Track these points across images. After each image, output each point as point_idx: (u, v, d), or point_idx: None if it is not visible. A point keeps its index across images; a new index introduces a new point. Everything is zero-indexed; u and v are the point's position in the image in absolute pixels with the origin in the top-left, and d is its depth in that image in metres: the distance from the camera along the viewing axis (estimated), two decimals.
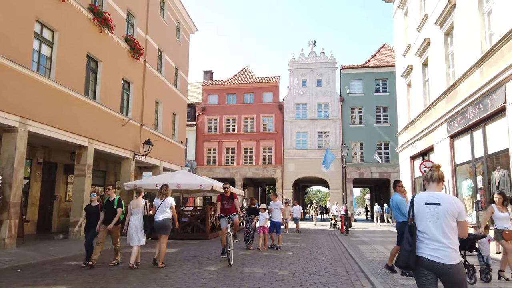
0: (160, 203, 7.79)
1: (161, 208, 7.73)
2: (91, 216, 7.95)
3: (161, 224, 7.66)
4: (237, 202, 9.20)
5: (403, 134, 20.36)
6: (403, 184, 7.67)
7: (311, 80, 33.24)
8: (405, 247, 3.16)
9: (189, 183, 15.41)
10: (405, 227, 3.28)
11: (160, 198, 7.89)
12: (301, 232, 19.24)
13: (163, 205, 7.74)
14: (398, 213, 7.07)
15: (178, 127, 22.50)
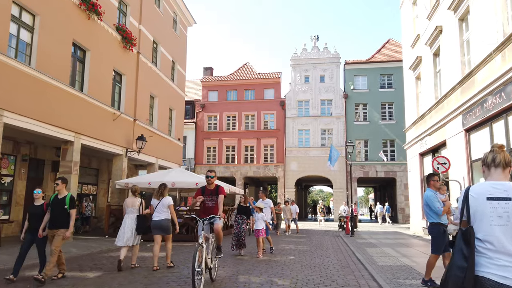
0: (157, 203, 7.53)
1: (158, 208, 7.47)
2: (34, 218, 6.39)
3: (159, 225, 7.39)
4: (221, 199, 6.26)
5: (412, 130, 19.32)
6: (438, 178, 6.48)
7: (314, 76, 32.21)
8: (458, 263, 2.16)
9: (184, 181, 14.47)
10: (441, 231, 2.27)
11: (157, 198, 7.60)
12: (303, 234, 18.23)
13: (160, 205, 7.47)
14: (429, 211, 6.02)
15: (175, 124, 21.54)
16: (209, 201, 6.33)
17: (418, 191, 18.19)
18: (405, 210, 29.30)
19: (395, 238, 15.89)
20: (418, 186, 18.20)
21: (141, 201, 7.70)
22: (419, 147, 17.84)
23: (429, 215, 5.95)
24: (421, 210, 17.75)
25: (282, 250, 11.49)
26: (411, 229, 19.60)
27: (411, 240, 15.22)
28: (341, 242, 14.36)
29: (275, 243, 13.27)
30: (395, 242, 14.02)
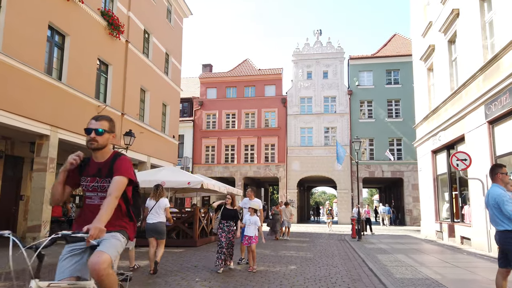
0: (153, 204, 7.18)
1: (154, 210, 7.14)
2: None
3: (153, 228, 7.07)
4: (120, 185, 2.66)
5: (423, 125, 17.93)
6: (506, 170, 4.79)
7: (317, 72, 30.87)
8: None
9: (175, 180, 13.15)
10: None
11: (154, 199, 7.25)
12: (305, 237, 16.86)
13: (157, 207, 7.15)
14: (499, 215, 4.40)
15: (169, 120, 20.25)
16: (92, 192, 2.77)
17: (431, 191, 16.80)
18: (413, 212, 27.88)
19: (407, 242, 14.51)
20: (431, 185, 16.81)
21: None
22: (432, 143, 16.45)
23: (500, 220, 4.37)
24: (434, 211, 16.38)
25: (282, 257, 10.16)
26: (423, 232, 18.20)
27: (425, 245, 13.83)
28: (348, 248, 13.00)
29: (274, 249, 11.95)
30: (408, 248, 12.64)
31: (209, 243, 14.18)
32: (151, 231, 7.06)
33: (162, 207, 7.19)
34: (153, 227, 7.05)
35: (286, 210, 16.23)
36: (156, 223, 7.06)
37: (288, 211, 16.20)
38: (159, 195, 7.26)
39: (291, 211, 16.49)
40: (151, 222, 7.06)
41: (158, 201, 7.18)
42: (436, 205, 16.33)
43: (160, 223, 7.12)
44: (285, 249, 12.06)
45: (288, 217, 16.11)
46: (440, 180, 16.38)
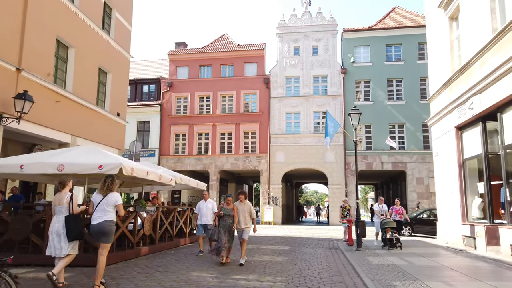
0: (100, 199, 5.87)
1: (101, 207, 5.81)
2: None
3: (98, 229, 5.74)
4: None
5: (441, 95, 13.54)
6: None
7: (306, 47, 26.42)
8: None
9: (80, 163, 8.54)
10: None
11: (102, 193, 5.91)
12: (286, 245, 12.32)
13: (104, 203, 5.82)
14: None
15: (111, 93, 15.60)
16: None
17: (454, 182, 12.40)
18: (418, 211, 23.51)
19: (427, 254, 10.08)
20: (454, 175, 12.41)
21: (71, 196, 5.93)
22: (457, 116, 12.06)
23: None
24: (459, 209, 11.99)
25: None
26: (441, 237, 13.81)
27: (455, 258, 9.41)
28: (344, 264, 8.52)
29: (223, 273, 7.32)
30: (436, 265, 8.20)
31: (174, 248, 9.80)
32: (96, 234, 5.81)
33: (112, 204, 5.89)
34: (98, 228, 5.77)
35: (244, 208, 8.59)
36: (103, 223, 5.77)
37: (247, 210, 8.54)
38: (107, 188, 5.94)
39: (251, 210, 8.53)
40: (96, 222, 5.78)
41: (106, 196, 5.90)
42: (463, 200, 11.93)
43: (107, 222, 5.81)
44: (242, 271, 7.53)
45: (246, 222, 8.47)
46: (468, 167, 11.98)
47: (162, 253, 10.23)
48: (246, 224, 8.38)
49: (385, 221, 11.40)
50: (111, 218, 5.88)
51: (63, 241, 5.74)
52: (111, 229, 5.84)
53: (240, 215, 8.35)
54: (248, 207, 8.48)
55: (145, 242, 10.08)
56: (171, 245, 11.53)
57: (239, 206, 8.42)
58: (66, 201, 5.90)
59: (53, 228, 5.83)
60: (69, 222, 5.79)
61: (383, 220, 11.54)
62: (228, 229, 8.25)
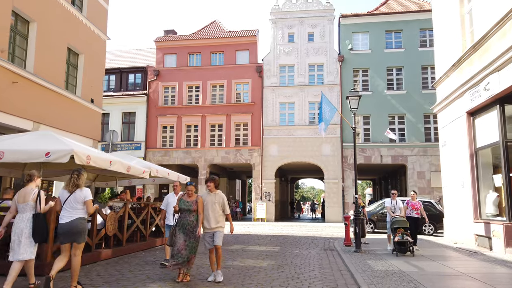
0: (67, 196, 5.26)
1: (69, 204, 5.23)
2: None
3: (69, 228, 5.15)
4: None
5: (450, 78, 12.13)
6: None
7: (301, 33, 24.92)
8: None
9: (22, 150, 7.08)
10: None
11: (68, 189, 5.31)
12: (276, 245, 10.90)
13: (72, 200, 5.24)
14: None
15: (83, 76, 14.05)
16: None
17: (465, 174, 11.03)
18: None
19: (436, 257, 8.70)
20: (465, 166, 11.03)
21: (38, 193, 5.34)
22: (469, 100, 10.65)
23: None
24: (471, 205, 10.62)
25: None
26: (448, 236, 12.46)
27: (469, 261, 8.03)
28: (342, 271, 7.12)
29: (192, 283, 5.84)
30: (449, 271, 6.82)
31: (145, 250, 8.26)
32: (63, 234, 5.14)
33: (80, 201, 5.24)
34: (67, 228, 5.12)
35: (214, 200, 6.21)
36: (72, 222, 5.12)
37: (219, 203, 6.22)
38: (73, 184, 5.28)
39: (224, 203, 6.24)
40: (64, 222, 5.14)
41: (74, 192, 5.24)
42: (476, 195, 10.56)
43: (78, 220, 5.16)
44: (214, 282, 6.10)
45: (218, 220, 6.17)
46: (482, 157, 10.60)
47: (130, 256, 8.79)
48: (217, 223, 6.03)
49: (395, 219, 9.29)
50: (82, 215, 5.31)
51: (25, 243, 5.16)
52: (83, 227, 5.30)
53: (208, 211, 6.01)
54: (220, 199, 6.12)
55: (109, 243, 8.62)
56: (144, 246, 10.09)
57: (207, 198, 6.08)
58: (33, 199, 5.33)
59: (16, 228, 5.22)
60: (37, 222, 5.24)
61: (392, 219, 9.41)
62: (188, 230, 5.93)
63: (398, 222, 9.17)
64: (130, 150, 24.59)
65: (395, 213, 9.74)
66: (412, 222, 9.47)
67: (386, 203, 10.16)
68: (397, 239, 8.77)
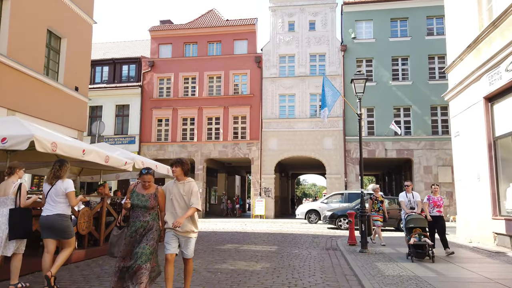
0: (48, 189, 5.00)
1: (50, 198, 4.98)
2: None
3: (46, 223, 4.90)
4: None
5: (466, 61, 11.06)
6: None
7: (301, 22, 23.83)
8: None
9: None
10: None
11: (49, 181, 5.06)
12: (273, 245, 9.87)
13: (53, 193, 4.97)
14: None
15: (66, 62, 13.03)
16: None
17: (482, 166, 9.98)
18: None
19: (453, 257, 7.66)
20: (483, 157, 9.98)
21: (19, 186, 5.09)
22: (487, 83, 9.60)
23: None
24: (490, 201, 9.59)
25: None
26: (461, 234, 11.42)
27: (492, 263, 7.02)
28: (348, 275, 6.15)
29: None
30: (473, 277, 5.80)
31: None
32: (45, 229, 4.93)
33: (61, 193, 4.96)
34: (46, 222, 4.91)
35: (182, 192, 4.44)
36: (50, 217, 4.90)
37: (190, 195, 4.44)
38: (54, 175, 4.99)
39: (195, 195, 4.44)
40: (44, 215, 4.96)
41: (54, 185, 4.99)
42: (494, 189, 9.52)
43: (57, 216, 4.92)
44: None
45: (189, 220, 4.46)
46: (501, 147, 9.55)
47: (107, 258, 7.80)
48: (188, 226, 4.37)
49: (410, 217, 7.68)
50: (62, 211, 4.99)
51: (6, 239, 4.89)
52: (63, 224, 4.97)
53: (175, 208, 4.31)
54: (189, 189, 4.37)
55: (83, 243, 7.63)
56: None
57: (174, 189, 4.36)
58: (13, 192, 5.07)
59: None
60: (14, 217, 4.93)
61: (407, 216, 7.82)
62: (140, 235, 4.25)
63: (414, 220, 7.59)
64: (124, 144, 23.60)
65: (413, 210, 8.31)
66: (433, 222, 7.95)
67: (400, 197, 8.62)
68: (413, 241, 7.20)
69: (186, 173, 4.48)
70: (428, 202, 8.22)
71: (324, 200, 19.13)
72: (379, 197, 10.27)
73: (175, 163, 4.43)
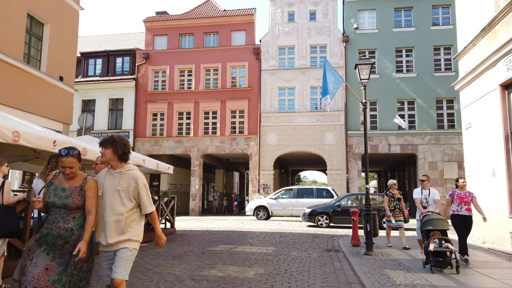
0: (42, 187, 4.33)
1: None
2: None
3: None
4: None
5: (479, 46, 10.20)
6: None
7: (301, 12, 22.92)
8: None
9: None
10: None
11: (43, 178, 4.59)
12: (270, 245, 9.06)
13: None
14: None
15: (49, 50, 12.19)
16: None
17: (499, 161, 9.15)
18: None
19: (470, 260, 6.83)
20: (499, 150, 9.15)
21: (3, 183, 4.89)
22: (504, 69, 8.75)
23: None
24: (507, 198, 8.76)
25: None
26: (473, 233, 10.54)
27: None
28: (353, 283, 5.32)
29: None
30: (503, 287, 4.98)
31: None
32: None
33: None
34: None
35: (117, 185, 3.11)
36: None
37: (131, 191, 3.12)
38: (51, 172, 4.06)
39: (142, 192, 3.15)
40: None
41: None
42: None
43: None
44: None
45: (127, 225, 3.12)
46: None
47: None
48: (122, 233, 3.05)
49: (428, 218, 6.30)
50: None
51: None
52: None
53: (105, 207, 3.07)
54: (130, 182, 3.08)
55: None
56: None
57: (106, 181, 3.11)
58: None
59: None
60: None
61: (423, 217, 6.43)
62: (57, 248, 2.92)
63: (431, 221, 6.20)
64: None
65: (427, 208, 6.94)
66: (462, 222, 6.69)
67: (414, 193, 7.24)
68: (432, 248, 5.84)
69: (123, 157, 3.09)
70: (451, 199, 6.89)
71: (273, 196, 18.53)
72: (396, 194, 8.99)
73: (103, 143, 3.05)
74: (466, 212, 6.81)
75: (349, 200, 15.63)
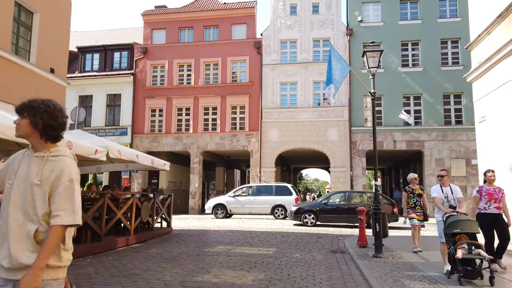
0: None
1: None
2: None
3: None
4: None
5: (494, 34, 9.55)
6: None
7: (304, 4, 22.26)
8: None
9: None
10: None
11: None
12: (271, 246, 8.45)
13: None
14: None
15: (39, 40, 11.60)
16: None
17: None
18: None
19: None
20: None
21: None
22: None
23: None
24: None
25: None
26: None
27: None
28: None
29: None
30: None
31: None
32: None
33: None
34: None
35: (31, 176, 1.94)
36: None
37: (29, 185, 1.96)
38: None
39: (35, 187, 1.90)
40: None
41: None
42: None
43: None
44: None
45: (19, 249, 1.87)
46: None
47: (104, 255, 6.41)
48: (31, 249, 1.83)
49: (453, 219, 5.34)
50: None
51: None
52: None
53: (8, 207, 1.88)
54: (51, 173, 1.88)
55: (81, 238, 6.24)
56: (96, 249, 7.69)
57: (22, 167, 1.95)
58: None
59: None
60: None
61: (447, 217, 5.46)
62: None
63: (458, 223, 5.27)
64: (116, 135, 22.25)
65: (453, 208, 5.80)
66: (490, 222, 5.77)
67: (433, 192, 6.08)
68: (460, 254, 4.96)
69: (48, 134, 1.96)
70: (479, 196, 5.95)
71: (231, 194, 17.99)
72: (417, 189, 7.95)
73: (19, 110, 1.97)
74: (496, 210, 5.87)
75: (337, 198, 15.05)
